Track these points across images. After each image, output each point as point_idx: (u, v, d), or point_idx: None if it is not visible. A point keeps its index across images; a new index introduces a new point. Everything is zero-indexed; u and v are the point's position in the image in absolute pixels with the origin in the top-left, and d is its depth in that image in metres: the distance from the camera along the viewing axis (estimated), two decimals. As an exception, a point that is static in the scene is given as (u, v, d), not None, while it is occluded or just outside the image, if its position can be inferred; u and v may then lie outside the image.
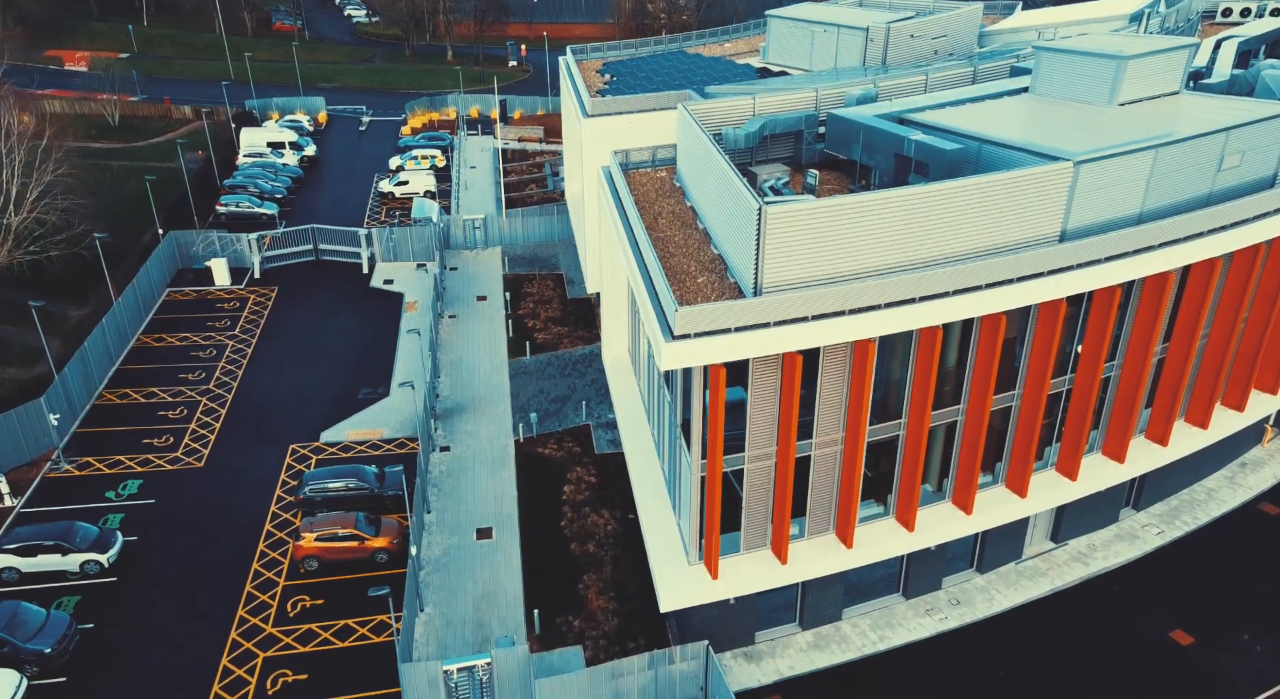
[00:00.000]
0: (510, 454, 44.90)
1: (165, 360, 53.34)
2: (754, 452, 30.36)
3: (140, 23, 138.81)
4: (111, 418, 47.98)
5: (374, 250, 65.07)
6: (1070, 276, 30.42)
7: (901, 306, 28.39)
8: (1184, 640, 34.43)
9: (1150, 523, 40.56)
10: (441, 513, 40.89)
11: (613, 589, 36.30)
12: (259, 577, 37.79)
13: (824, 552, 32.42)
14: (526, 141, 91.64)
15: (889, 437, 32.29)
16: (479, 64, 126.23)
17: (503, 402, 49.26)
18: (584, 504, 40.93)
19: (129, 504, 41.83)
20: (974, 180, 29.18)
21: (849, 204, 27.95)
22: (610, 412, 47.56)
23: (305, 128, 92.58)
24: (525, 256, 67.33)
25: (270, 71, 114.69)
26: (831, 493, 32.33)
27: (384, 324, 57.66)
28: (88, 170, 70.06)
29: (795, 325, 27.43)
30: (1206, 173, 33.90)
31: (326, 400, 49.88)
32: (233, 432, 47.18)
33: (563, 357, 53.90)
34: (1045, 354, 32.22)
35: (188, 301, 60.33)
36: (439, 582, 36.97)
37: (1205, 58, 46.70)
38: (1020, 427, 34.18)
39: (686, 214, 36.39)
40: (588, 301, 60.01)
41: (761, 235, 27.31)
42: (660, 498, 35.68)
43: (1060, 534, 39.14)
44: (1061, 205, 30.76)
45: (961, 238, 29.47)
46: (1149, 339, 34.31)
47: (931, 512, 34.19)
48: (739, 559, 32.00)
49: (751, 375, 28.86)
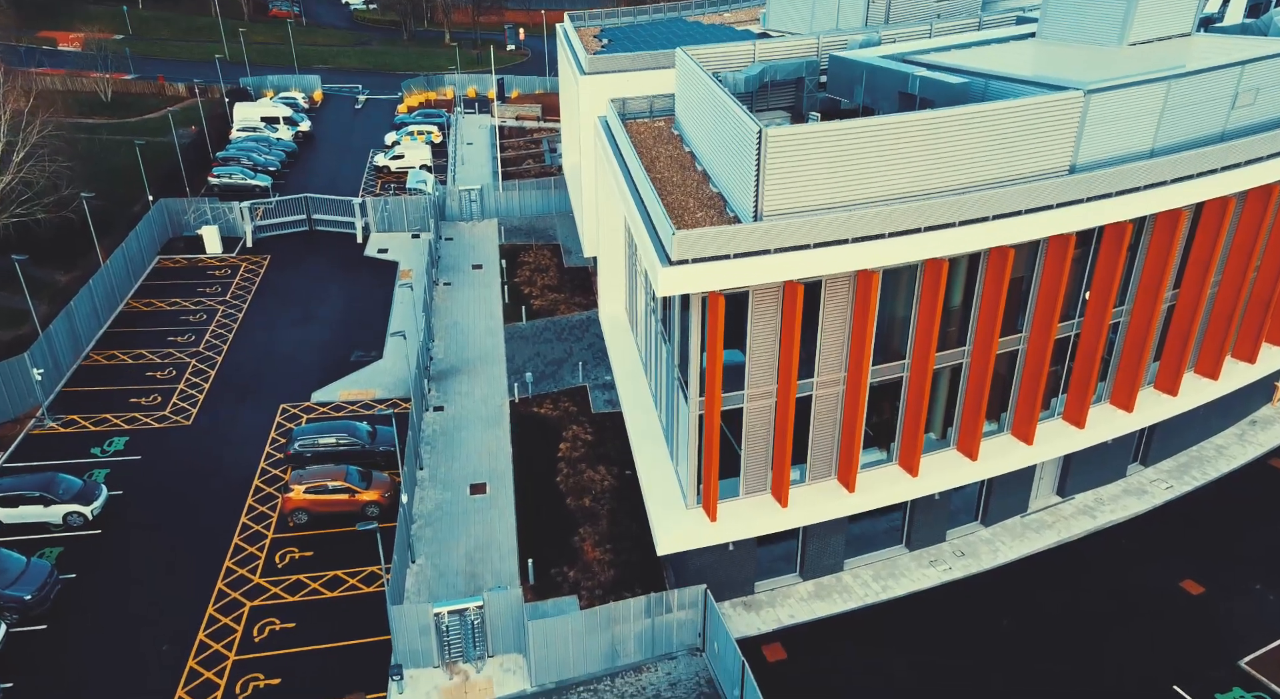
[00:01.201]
0: (505, 413, 43.99)
1: (154, 324, 52.44)
2: (754, 390, 29.45)
3: (135, 6, 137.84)
4: (98, 378, 47.08)
5: (368, 220, 64.18)
6: (1080, 210, 29.55)
7: (907, 236, 27.50)
8: (1194, 590, 33.54)
9: (1159, 478, 39.67)
10: (434, 469, 39.97)
11: (609, 542, 35.40)
12: (246, 529, 36.87)
13: (825, 496, 31.51)
14: (524, 120, 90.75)
15: (892, 378, 31.38)
16: (476, 47, 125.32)
17: (498, 364, 48.36)
18: (580, 461, 40.02)
19: (115, 460, 40.91)
20: (982, 106, 28.27)
21: (852, 128, 27.02)
22: (607, 373, 46.66)
23: (300, 105, 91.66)
24: (522, 228, 66.44)
25: (266, 53, 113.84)
26: (833, 436, 31.42)
27: (377, 291, 56.76)
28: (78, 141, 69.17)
29: (796, 253, 26.53)
30: (1220, 110, 33.00)
31: (318, 363, 48.98)
32: (222, 392, 46.27)
33: (559, 322, 52.99)
34: (1053, 294, 31.32)
35: (178, 269, 59.42)
36: (431, 534, 36.06)
37: (1215, 7, 45.85)
38: (1027, 371, 33.29)
39: (685, 158, 35.48)
40: (585, 270, 59.12)
41: (762, 160, 26.40)
42: (658, 448, 34.77)
43: (1067, 488, 38.25)
44: (1072, 137, 29.84)
45: (969, 168, 28.56)
46: (1159, 283, 33.42)
47: (936, 459, 33.27)
48: (738, 503, 31.07)
49: (751, 307, 27.95)
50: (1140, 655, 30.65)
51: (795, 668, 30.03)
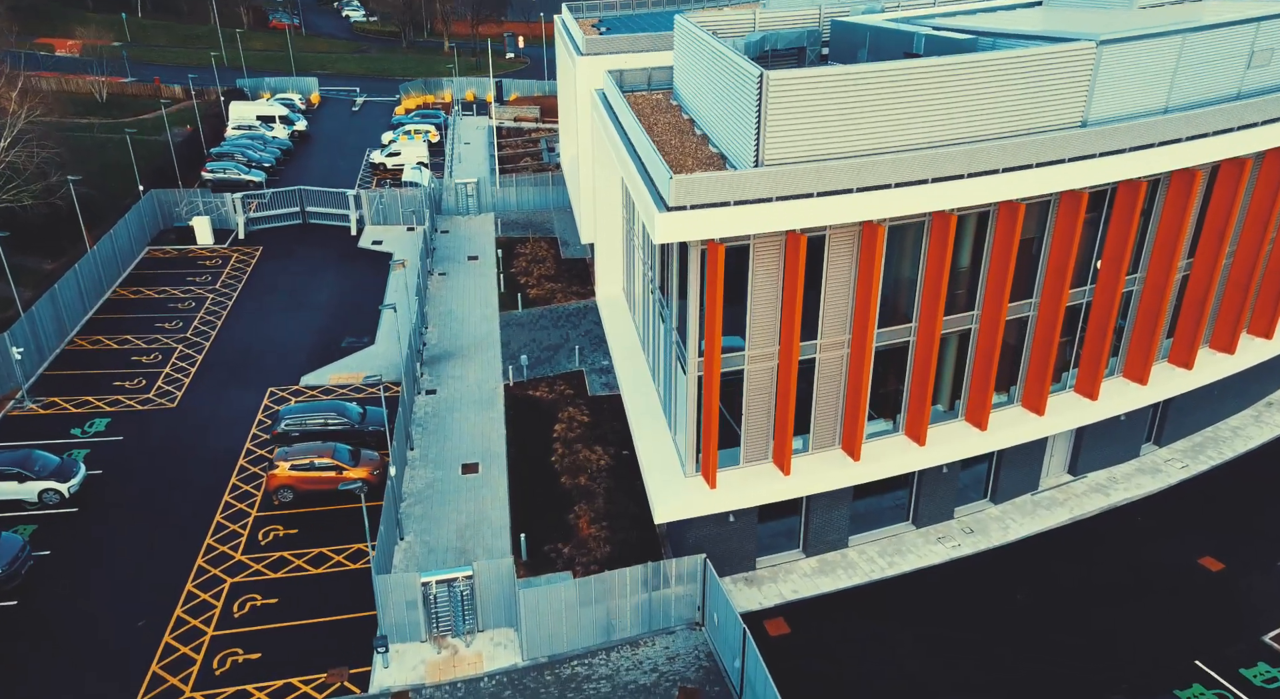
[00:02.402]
0: (500, 396, 42.78)
1: (141, 311, 51.36)
2: (755, 351, 28.29)
3: (135, 14, 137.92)
4: (82, 362, 45.91)
5: (363, 213, 63.23)
6: (1093, 165, 28.54)
7: (914, 187, 26.46)
8: (1214, 567, 32.20)
9: (1173, 457, 38.42)
10: (425, 449, 38.70)
11: (605, 519, 34.06)
12: (230, 508, 35.56)
13: (829, 465, 30.25)
14: (523, 121, 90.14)
15: (899, 343, 30.22)
16: (475, 55, 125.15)
17: (493, 349, 47.20)
18: (576, 441, 38.76)
19: (95, 441, 39.65)
20: (991, 54, 27.34)
21: (857, 73, 26.06)
22: (604, 358, 45.52)
23: (297, 106, 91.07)
24: (519, 222, 65.51)
25: (264, 59, 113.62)
26: (837, 403, 30.21)
27: (370, 280, 55.67)
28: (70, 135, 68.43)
29: (799, 201, 25.48)
30: (1236, 69, 32.09)
31: (308, 348, 47.83)
32: (208, 375, 45.09)
33: (556, 310, 51.89)
34: (1065, 257, 30.25)
35: (168, 259, 58.40)
36: (421, 512, 34.75)
37: None
38: (1038, 339, 32.13)
39: (684, 124, 34.50)
40: (582, 262, 58.10)
41: (763, 106, 25.39)
42: (656, 421, 33.55)
43: (1078, 467, 36.98)
44: (1084, 91, 28.86)
45: (979, 120, 27.55)
46: (1173, 250, 32.36)
47: (944, 429, 32.04)
48: (739, 472, 29.82)
49: (752, 261, 26.87)
50: (1159, 630, 29.29)
51: (798, 641, 28.66)
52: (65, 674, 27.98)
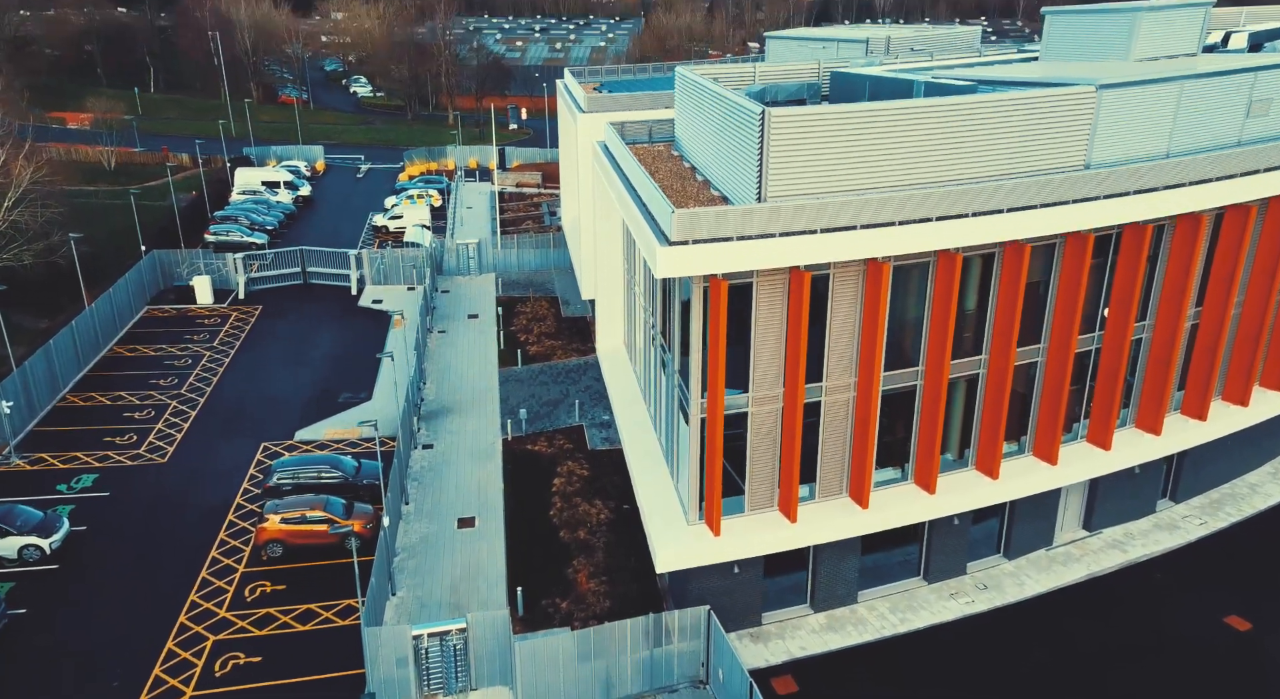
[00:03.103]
0: (498, 450, 41.83)
1: (136, 368, 50.74)
2: (759, 393, 27.57)
3: (147, 90, 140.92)
4: (73, 418, 45.10)
5: (363, 272, 63.18)
6: (1097, 207, 28.30)
7: (918, 225, 26.13)
8: (1241, 626, 30.82)
9: (1191, 514, 37.27)
10: (420, 503, 37.62)
11: (605, 573, 32.82)
12: (216, 563, 34.33)
13: (836, 513, 29.21)
14: (525, 186, 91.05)
15: (906, 387, 29.51)
16: (479, 126, 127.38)
17: (491, 404, 46.41)
18: (575, 495, 37.69)
19: (81, 496, 38.60)
20: (992, 96, 27.38)
21: (859, 111, 26.00)
22: (605, 413, 44.73)
23: (302, 172, 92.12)
24: (520, 282, 65.41)
25: (272, 130, 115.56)
26: (844, 448, 29.34)
27: (369, 337, 55.20)
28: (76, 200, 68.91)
29: (802, 237, 25.11)
30: (1235, 118, 32.15)
31: (304, 403, 47.06)
32: (201, 431, 44.23)
33: (556, 366, 51.27)
34: (1072, 301, 29.78)
35: (166, 318, 58.06)
36: (414, 566, 33.52)
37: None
38: (1047, 386, 31.43)
39: (685, 171, 34.46)
40: (583, 320, 57.74)
41: (765, 144, 25.26)
42: (657, 468, 32.60)
43: (1094, 522, 35.82)
44: (1085, 135, 28.85)
45: (981, 160, 27.43)
46: (1181, 297, 31.93)
47: (954, 478, 31.10)
48: (744, 520, 28.76)
49: (756, 298, 26.36)
50: (1184, 692, 27.83)
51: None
52: (34, 735, 26.53)
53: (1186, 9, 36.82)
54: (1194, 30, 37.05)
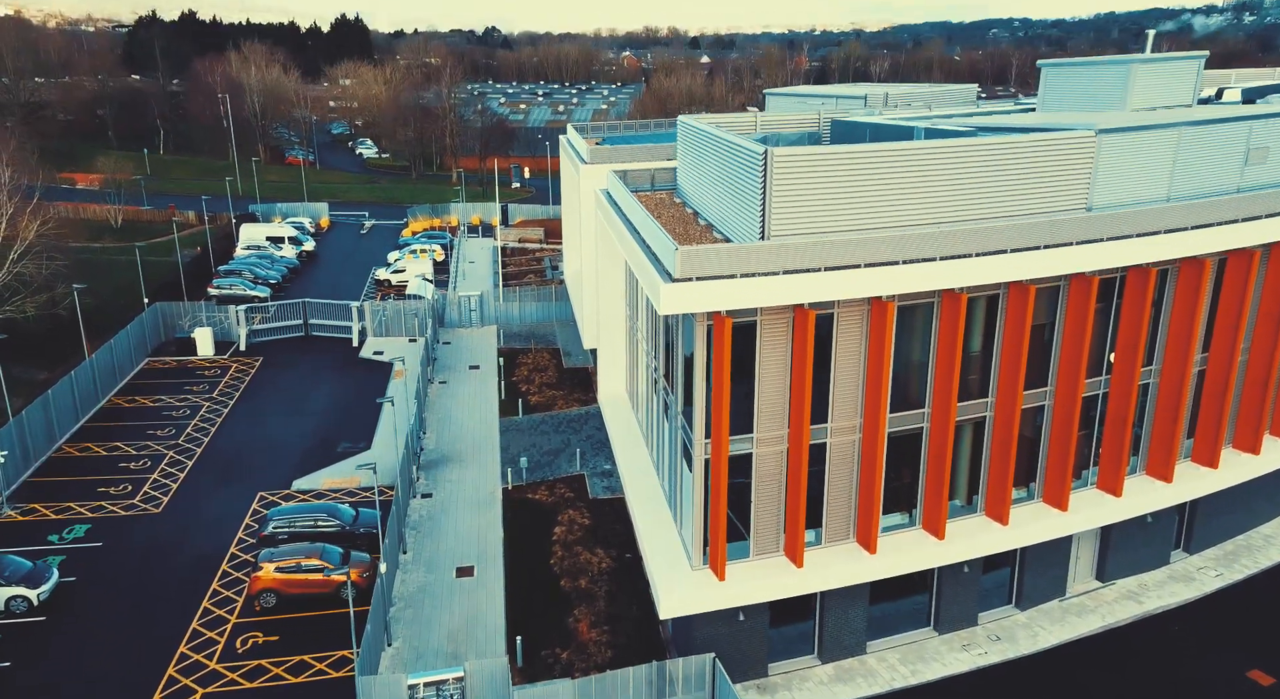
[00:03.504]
0: (497, 499, 41.18)
1: (134, 419, 50.31)
2: (764, 434, 27.17)
3: (156, 151, 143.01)
4: (67, 468, 44.55)
5: (365, 324, 63.16)
6: (1100, 249, 28.26)
7: (921, 264, 26.06)
8: (1264, 681, 29.87)
9: (1206, 566, 36.47)
10: (418, 552, 36.87)
11: (606, 622, 31.96)
12: (208, 614, 33.47)
13: (844, 558, 28.54)
14: (527, 242, 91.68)
15: (912, 429, 29.12)
16: (482, 185, 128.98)
17: (491, 453, 45.88)
18: (576, 543, 36.97)
19: (72, 547, 37.86)
20: (992, 138, 27.58)
21: (861, 152, 26.16)
22: (606, 462, 44.20)
23: (306, 228, 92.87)
24: (521, 333, 65.36)
25: (278, 189, 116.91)
26: (850, 491, 28.81)
27: (369, 388, 54.87)
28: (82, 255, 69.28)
29: (806, 275, 25.01)
30: (1233, 166, 32.39)
31: (302, 453, 46.51)
32: (197, 481, 43.62)
33: (557, 416, 50.86)
34: (1078, 343, 29.56)
35: (167, 369, 57.81)
36: (411, 616, 32.67)
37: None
38: (1055, 430, 31.02)
39: (688, 217, 34.60)
40: (584, 370, 57.50)
41: (768, 183, 25.35)
42: (660, 515, 31.98)
43: (1106, 573, 35.03)
44: (1086, 179, 29.02)
45: (983, 201, 27.52)
46: (1187, 339, 31.74)
47: (964, 524, 30.49)
48: (749, 565, 28.09)
49: (760, 338, 26.15)
50: (1213, 744, 26.83)
51: (818, 754, 26.19)
52: (12, 790, 25.48)
53: (1180, 61, 37.48)
54: (1188, 82, 37.59)
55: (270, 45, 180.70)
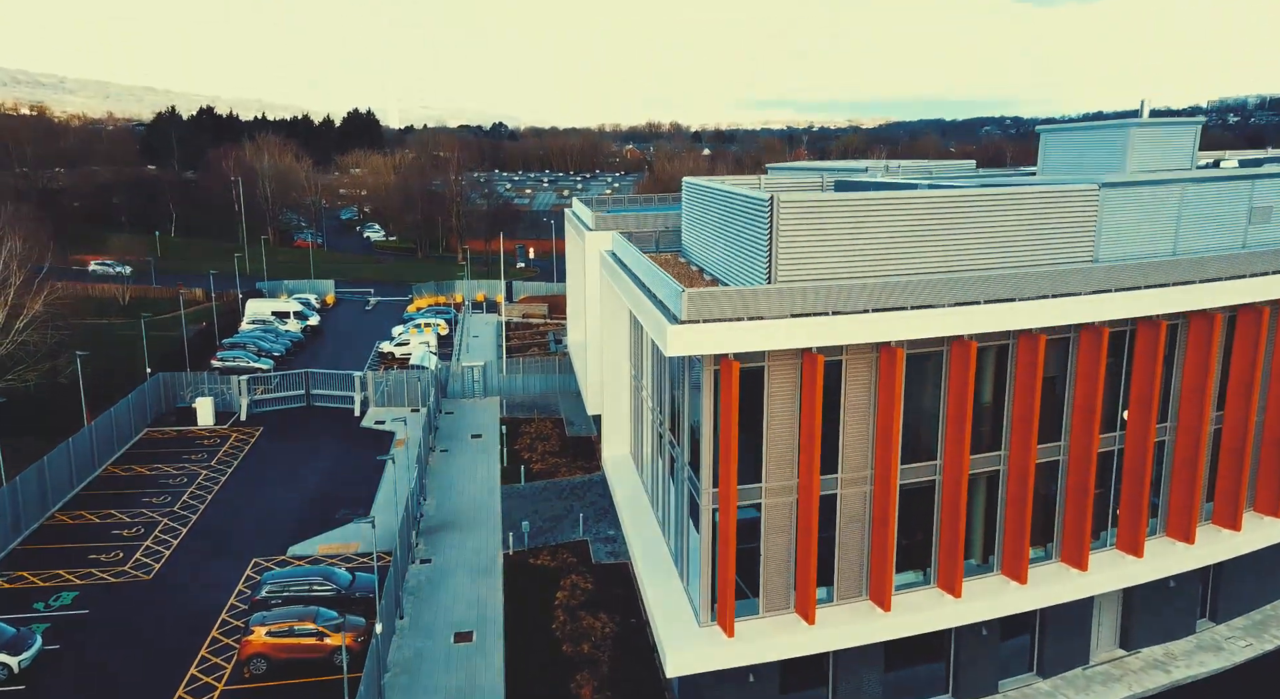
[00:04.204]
0: (499, 564, 40.05)
1: (130, 487, 49.47)
2: (773, 483, 26.48)
3: (168, 233, 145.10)
4: (59, 536, 43.54)
5: (367, 394, 62.78)
6: (1107, 299, 28.03)
7: (928, 310, 25.81)
8: (1302, 751, 28.36)
9: (1234, 635, 35.10)
10: (416, 617, 35.62)
11: (610, 688, 30.60)
12: (195, 682, 32.10)
13: (857, 616, 27.43)
14: (531, 317, 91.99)
15: (925, 482, 28.39)
16: (487, 265, 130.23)
17: (493, 519, 44.89)
18: (579, 608, 35.74)
19: (58, 615, 36.63)
20: (997, 189, 27.72)
21: (864, 198, 26.26)
22: (610, 528, 43.18)
23: (312, 304, 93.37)
24: (524, 403, 64.89)
25: (285, 268, 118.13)
26: (862, 546, 27.90)
27: (369, 457, 53.99)
28: (88, 332, 69.35)
29: (813, 319, 24.75)
30: (1237, 223, 32.52)
31: (299, 521, 45.49)
32: (190, 548, 42.54)
33: (560, 483, 49.99)
34: (1090, 396, 29.08)
35: (166, 439, 57.18)
36: (406, 683, 31.30)
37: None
38: (1072, 486, 30.24)
39: (693, 273, 34.55)
40: (587, 439, 56.81)
41: (774, 228, 25.36)
42: (666, 573, 30.93)
43: (1131, 641, 33.69)
44: (1091, 230, 29.07)
45: (988, 250, 27.51)
46: (1201, 395, 31.24)
47: (980, 584, 29.44)
48: (759, 622, 26.99)
49: (767, 383, 25.72)
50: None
51: (836, 826, 24.62)
52: None
53: (1178, 126, 37.99)
54: (1186, 147, 38.03)
55: (284, 137, 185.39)
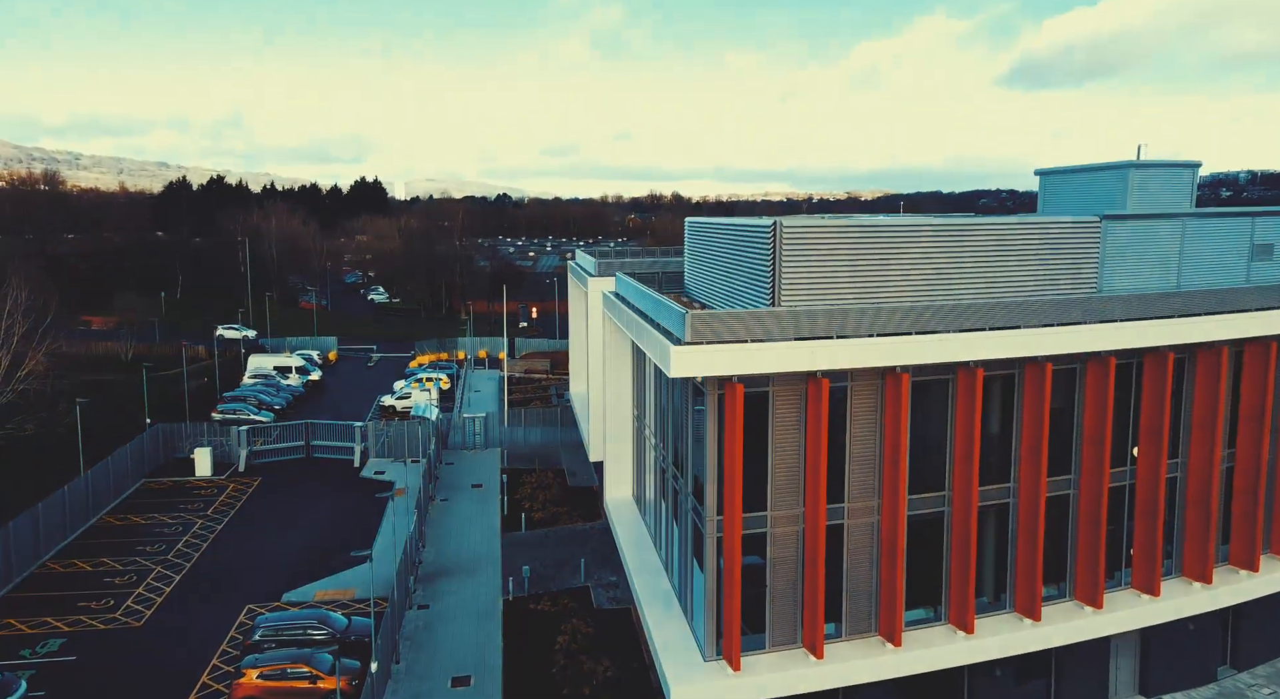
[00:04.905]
0: (498, 609, 39.09)
1: (124, 536, 48.67)
2: (779, 512, 25.95)
3: (174, 295, 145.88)
4: (49, 585, 42.63)
5: (367, 445, 62.26)
6: (1111, 329, 27.87)
7: (933, 336, 25.67)
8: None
9: (1257, 683, 34.01)
10: (413, 663, 34.59)
11: (611, 734, 29.56)
12: (181, 726, 31.07)
13: (867, 651, 26.59)
14: (533, 373, 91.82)
15: (933, 513, 27.84)
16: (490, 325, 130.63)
17: (492, 567, 44.00)
18: (579, 653, 34.74)
19: (45, 661, 35.64)
20: (1000, 219, 27.89)
21: (866, 225, 26.40)
22: (611, 574, 42.30)
23: (314, 359, 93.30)
24: (525, 455, 64.27)
25: (290, 327, 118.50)
26: (871, 578, 27.22)
27: (368, 506, 53.32)
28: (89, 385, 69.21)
29: (816, 342, 24.58)
30: (1239, 261, 32.66)
31: (294, 568, 44.56)
32: (183, 595, 41.61)
33: (561, 531, 49.17)
34: (1099, 428, 28.73)
35: (162, 490, 56.48)
36: (399, 728, 30.27)
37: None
38: (1083, 520, 29.66)
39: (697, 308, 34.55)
40: (589, 490, 56.08)
41: (776, 254, 25.42)
42: (670, 610, 30.13)
43: (1150, 687, 32.65)
44: (1094, 262, 29.16)
45: (991, 279, 27.52)
46: (1211, 430, 30.89)
47: (993, 621, 28.64)
48: (766, 657, 26.17)
49: (772, 408, 25.42)
50: None
51: None
52: None
53: (1176, 168, 38.25)
54: (1184, 190, 38.22)
55: (292, 204, 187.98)
